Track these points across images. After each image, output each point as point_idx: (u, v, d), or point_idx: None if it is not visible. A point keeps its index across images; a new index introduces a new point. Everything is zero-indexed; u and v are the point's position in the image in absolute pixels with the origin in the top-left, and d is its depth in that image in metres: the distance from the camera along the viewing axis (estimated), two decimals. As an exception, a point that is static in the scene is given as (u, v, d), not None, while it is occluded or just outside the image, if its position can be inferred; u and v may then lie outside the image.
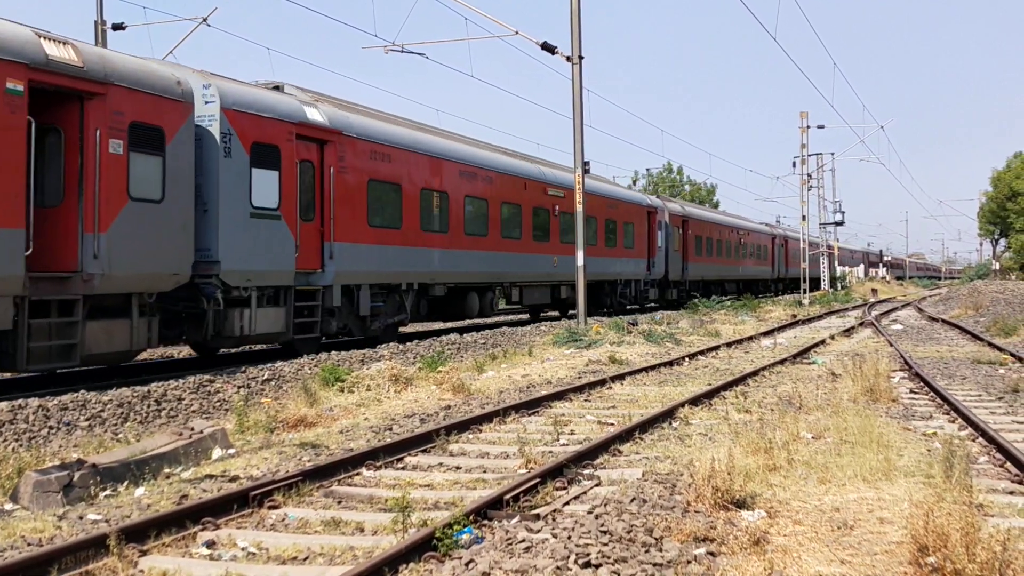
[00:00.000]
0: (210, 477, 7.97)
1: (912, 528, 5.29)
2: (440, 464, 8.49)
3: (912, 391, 13.20)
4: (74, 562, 5.49)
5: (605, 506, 6.30)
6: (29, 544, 6.01)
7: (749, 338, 23.15)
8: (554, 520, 6.25)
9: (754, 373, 15.04)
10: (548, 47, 23.48)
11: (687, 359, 17.86)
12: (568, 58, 23.22)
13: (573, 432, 9.99)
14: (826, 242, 60.83)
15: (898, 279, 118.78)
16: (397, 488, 7.41)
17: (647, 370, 15.77)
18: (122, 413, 10.98)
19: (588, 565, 5.15)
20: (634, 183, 73.68)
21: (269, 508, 6.89)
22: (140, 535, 5.96)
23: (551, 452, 8.80)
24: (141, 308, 13.23)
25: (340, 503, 7.13)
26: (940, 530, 5.04)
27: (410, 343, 18.27)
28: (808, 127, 48.66)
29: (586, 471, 7.92)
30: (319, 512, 6.81)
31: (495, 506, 6.58)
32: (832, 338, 23.38)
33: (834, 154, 61.67)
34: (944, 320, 31.28)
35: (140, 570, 5.58)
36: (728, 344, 21.02)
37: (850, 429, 8.80)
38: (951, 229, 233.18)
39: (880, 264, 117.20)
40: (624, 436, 9.34)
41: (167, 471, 8.19)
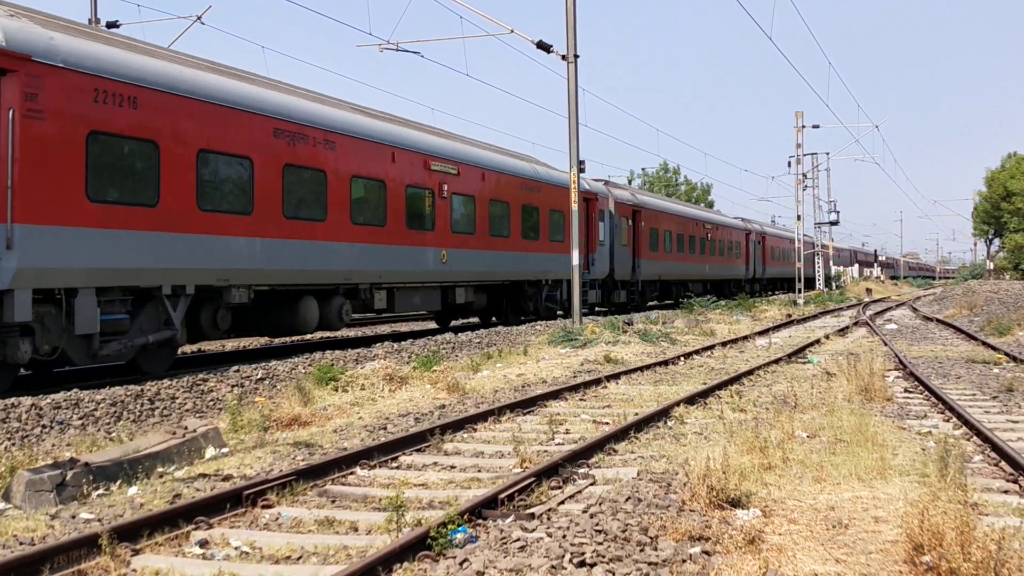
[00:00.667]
0: (203, 476, 7.94)
1: (907, 527, 5.28)
2: (435, 463, 8.48)
3: (907, 390, 13.21)
4: (66, 561, 5.46)
5: (600, 505, 6.28)
6: (21, 543, 5.98)
7: (744, 337, 23.16)
8: (549, 519, 6.23)
9: (749, 372, 15.04)
10: (544, 46, 23.48)
11: (682, 358, 17.86)
12: (564, 57, 23.22)
13: (568, 431, 9.97)
14: (820, 242, 60.91)
15: (892, 279, 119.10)
16: (391, 487, 7.38)
17: (642, 369, 15.76)
18: (115, 412, 10.94)
19: (583, 564, 5.13)
20: (629, 183, 73.69)
21: (263, 507, 6.87)
22: (133, 534, 5.93)
23: (546, 451, 8.78)
24: None
25: (334, 502, 7.11)
26: (935, 529, 5.03)
27: (404, 342, 18.25)
28: (803, 127, 48.73)
29: (581, 470, 7.90)
30: (313, 511, 6.78)
31: (490, 505, 6.56)
32: (827, 337, 23.40)
33: (829, 154, 62.19)
34: (939, 320, 31.34)
35: (133, 569, 5.55)
36: (723, 343, 21.04)
37: (845, 428, 8.81)
38: (945, 229, 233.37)
39: (874, 264, 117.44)
40: (619, 435, 9.32)
41: (160, 470, 8.16)
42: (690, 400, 11.70)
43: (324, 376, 13.40)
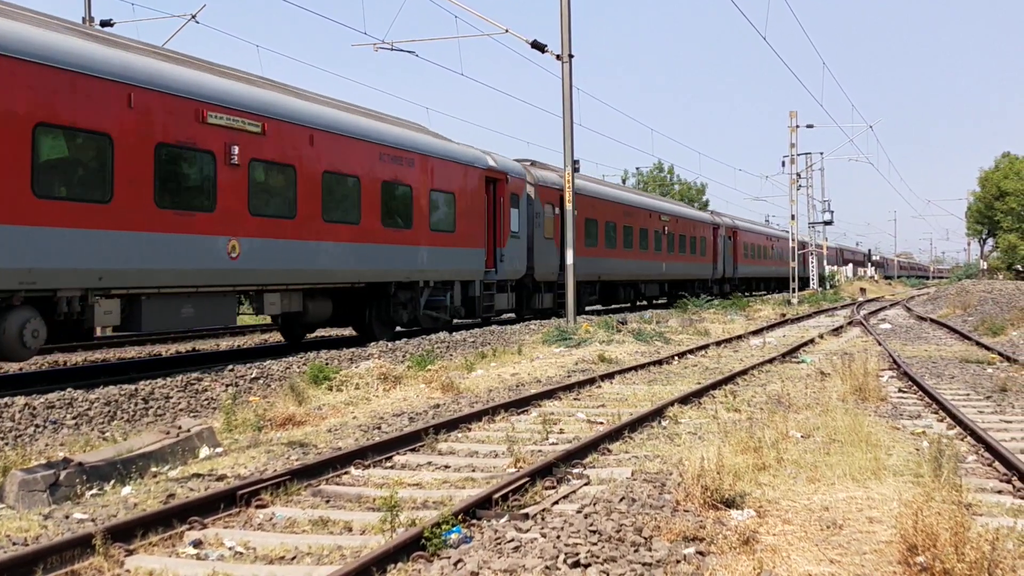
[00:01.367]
0: (197, 476, 7.92)
1: (901, 527, 5.29)
2: (429, 463, 8.47)
3: (901, 390, 13.23)
4: (60, 562, 5.45)
5: (594, 505, 6.28)
6: (14, 543, 5.96)
7: (738, 337, 23.18)
8: (543, 520, 6.23)
9: (743, 372, 15.06)
10: (538, 45, 23.47)
11: (676, 358, 17.87)
12: (558, 56, 23.21)
13: (563, 431, 9.97)
14: (815, 241, 61.00)
15: (886, 278, 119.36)
16: (385, 487, 7.37)
17: (636, 369, 15.77)
18: (109, 411, 10.91)
19: (577, 565, 5.13)
20: (624, 182, 73.63)
21: (257, 507, 6.85)
22: (126, 534, 5.92)
23: (540, 451, 8.78)
24: None
25: (328, 502, 7.10)
26: (929, 529, 5.04)
27: (399, 341, 18.23)
28: (797, 127, 48.87)
29: (575, 470, 7.90)
30: (307, 511, 6.77)
31: (484, 505, 6.56)
32: (821, 337, 23.43)
33: (823, 153, 62.12)
34: (932, 319, 31.40)
35: (126, 570, 5.54)
36: (717, 343, 21.05)
37: (839, 428, 8.81)
38: (939, 229, 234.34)
39: (868, 263, 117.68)
40: (613, 435, 9.32)
41: (154, 470, 8.14)
42: (684, 400, 11.71)
43: (318, 375, 13.38)
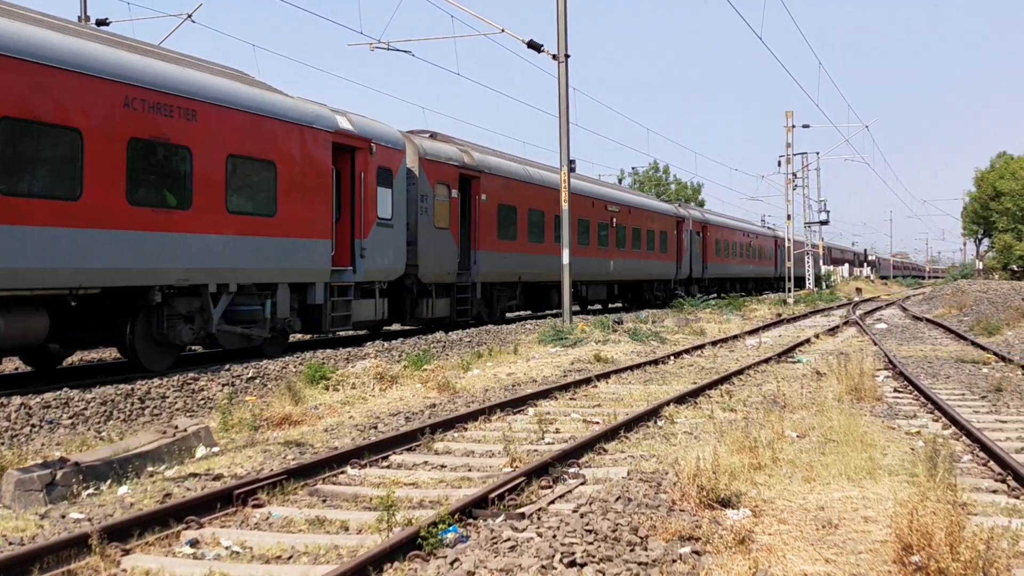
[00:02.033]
0: (194, 475, 7.92)
1: (896, 527, 5.31)
2: (425, 463, 8.47)
3: (896, 390, 13.26)
4: (56, 561, 5.45)
5: (590, 505, 6.29)
6: (11, 543, 5.96)
7: (734, 337, 23.21)
8: (539, 519, 6.24)
9: (739, 372, 15.08)
10: (534, 45, 23.47)
11: (672, 358, 17.89)
12: (554, 56, 23.21)
13: (558, 431, 9.98)
14: (810, 241, 61.07)
15: (882, 278, 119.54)
16: (382, 487, 7.38)
17: (632, 368, 15.78)
18: (105, 411, 10.90)
19: (573, 564, 5.14)
20: (620, 182, 73.58)
21: (253, 507, 6.86)
22: (123, 534, 5.92)
23: (536, 451, 8.79)
24: None
25: (325, 502, 7.11)
26: (924, 529, 5.05)
27: (395, 341, 18.23)
28: (793, 126, 48.86)
29: (571, 470, 7.91)
30: (303, 511, 6.78)
31: (480, 505, 6.57)
32: (817, 337, 23.46)
33: (819, 153, 62.33)
34: (928, 319, 31.46)
35: (123, 569, 5.54)
36: (713, 343, 21.07)
37: (835, 428, 8.83)
38: (935, 229, 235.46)
39: (863, 263, 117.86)
40: (609, 435, 9.34)
41: (150, 469, 8.14)
42: (680, 400, 11.72)
43: (315, 375, 13.37)
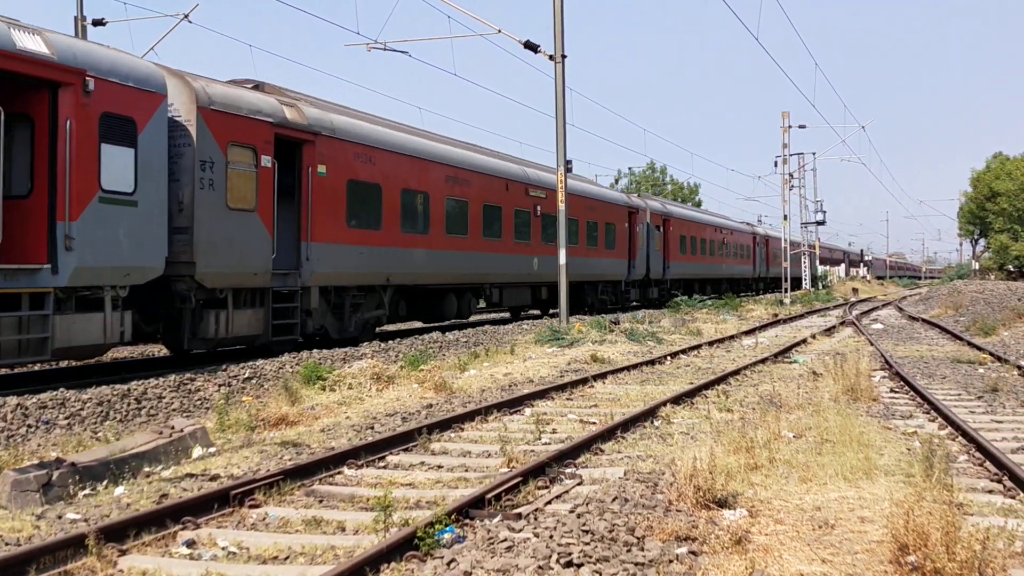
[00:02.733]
0: (190, 476, 7.91)
1: (892, 527, 5.31)
2: (422, 463, 8.47)
3: (893, 390, 13.27)
4: (53, 562, 5.44)
5: (587, 505, 6.29)
6: (7, 544, 5.95)
7: (731, 337, 23.22)
8: (536, 519, 6.24)
9: (736, 372, 15.09)
10: (531, 46, 23.47)
11: (669, 358, 17.90)
12: (551, 57, 23.22)
13: (555, 431, 9.98)
14: (807, 241, 61.10)
15: (878, 279, 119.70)
16: (379, 487, 7.38)
17: (629, 369, 15.79)
18: (102, 411, 10.89)
19: (570, 564, 5.14)
20: (616, 182, 73.67)
21: (250, 507, 6.85)
22: (120, 534, 5.91)
23: (533, 451, 8.79)
24: None
25: (321, 502, 7.10)
26: (920, 529, 5.06)
27: (392, 341, 18.22)
28: (790, 127, 48.87)
29: (568, 470, 7.91)
30: (300, 511, 6.77)
31: (477, 505, 6.56)
32: (813, 337, 23.48)
33: (815, 154, 62.10)
34: (924, 320, 31.50)
35: (119, 570, 5.54)
36: (710, 343, 21.09)
37: (831, 428, 8.84)
38: (931, 229, 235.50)
39: (860, 263, 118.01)
40: (606, 435, 9.34)
41: (147, 470, 8.13)
42: (677, 400, 11.73)
43: (311, 375, 13.36)
